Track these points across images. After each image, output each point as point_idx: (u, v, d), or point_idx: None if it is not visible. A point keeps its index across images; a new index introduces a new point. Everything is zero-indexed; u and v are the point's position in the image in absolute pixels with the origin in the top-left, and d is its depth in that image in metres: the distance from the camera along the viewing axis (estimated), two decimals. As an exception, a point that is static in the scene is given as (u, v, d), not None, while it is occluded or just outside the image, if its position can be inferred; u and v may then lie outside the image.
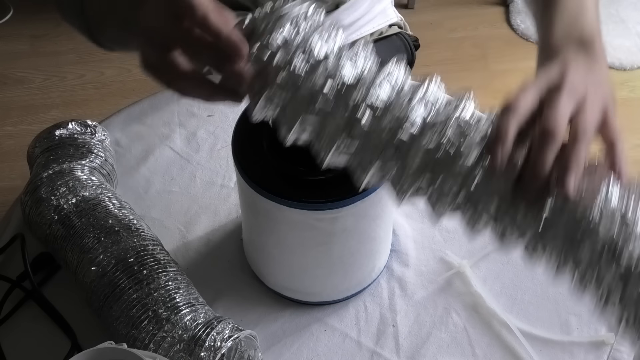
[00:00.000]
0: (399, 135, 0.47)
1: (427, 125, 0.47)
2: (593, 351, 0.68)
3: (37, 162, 0.74)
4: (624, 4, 2.27)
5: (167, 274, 0.63)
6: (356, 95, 0.48)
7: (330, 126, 0.48)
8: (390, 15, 1.06)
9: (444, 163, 0.47)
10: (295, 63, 0.48)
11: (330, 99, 0.48)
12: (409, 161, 0.47)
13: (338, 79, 0.48)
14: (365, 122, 0.47)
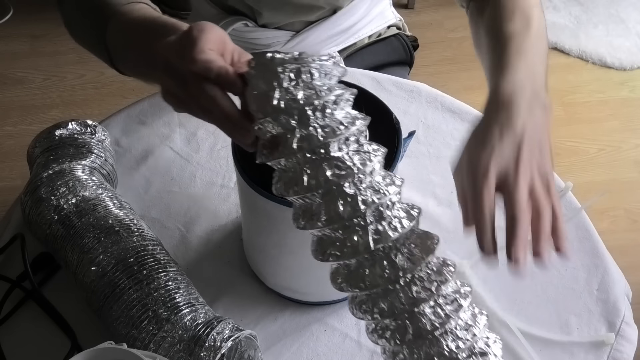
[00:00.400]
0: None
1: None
2: (593, 351, 0.68)
3: (37, 162, 0.74)
4: (624, 4, 2.27)
5: (167, 274, 0.63)
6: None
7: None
8: (388, 17, 1.06)
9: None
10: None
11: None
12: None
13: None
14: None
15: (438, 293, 0.48)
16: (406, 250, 0.49)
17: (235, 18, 0.96)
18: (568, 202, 0.80)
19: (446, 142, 0.87)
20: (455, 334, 0.48)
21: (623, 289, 0.73)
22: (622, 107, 1.97)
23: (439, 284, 0.49)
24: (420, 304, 0.48)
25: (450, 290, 0.50)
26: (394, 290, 0.48)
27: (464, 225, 0.55)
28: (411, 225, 0.49)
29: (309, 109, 0.47)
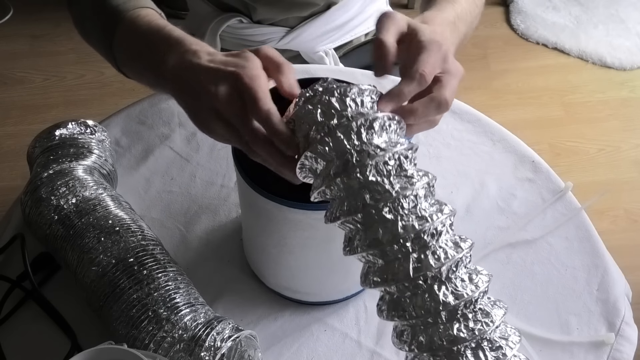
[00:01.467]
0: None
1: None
2: (593, 351, 0.68)
3: (37, 162, 0.74)
4: (624, 4, 2.27)
5: (167, 274, 0.63)
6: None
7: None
8: None
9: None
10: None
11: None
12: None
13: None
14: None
15: (482, 336, 0.46)
16: (452, 284, 0.47)
17: (230, 15, 0.96)
18: (568, 202, 0.80)
19: (446, 142, 0.87)
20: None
21: (623, 289, 0.73)
22: (622, 107, 1.97)
23: (483, 326, 0.46)
24: (460, 343, 0.46)
25: (497, 335, 0.47)
26: (435, 324, 0.47)
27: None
28: (458, 256, 0.47)
29: (346, 136, 0.48)
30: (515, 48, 2.15)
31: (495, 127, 0.89)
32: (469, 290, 0.47)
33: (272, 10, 0.95)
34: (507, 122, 0.91)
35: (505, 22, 2.24)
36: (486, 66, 2.08)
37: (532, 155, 0.85)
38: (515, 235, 0.77)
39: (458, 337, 0.46)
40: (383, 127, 0.49)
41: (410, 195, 0.47)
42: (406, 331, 0.49)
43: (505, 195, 0.81)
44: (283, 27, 0.97)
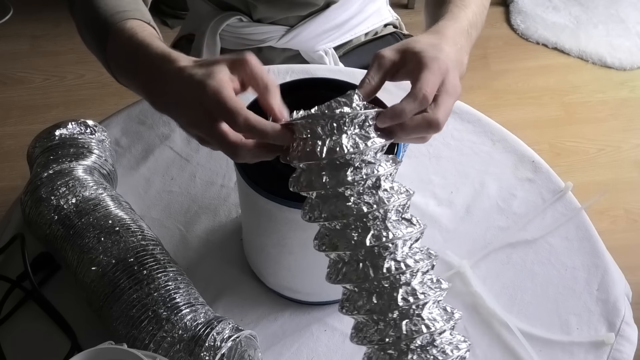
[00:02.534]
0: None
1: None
2: (593, 351, 0.68)
3: (37, 162, 0.74)
4: (624, 4, 2.27)
5: (167, 274, 0.63)
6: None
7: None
8: (384, 15, 1.06)
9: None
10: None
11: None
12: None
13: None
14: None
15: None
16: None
17: (230, 13, 0.96)
18: (568, 202, 0.80)
19: (446, 142, 0.87)
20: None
21: (623, 289, 0.73)
22: (622, 107, 1.97)
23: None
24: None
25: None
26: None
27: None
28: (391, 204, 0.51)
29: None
30: (515, 48, 2.15)
31: (495, 127, 0.88)
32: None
33: (272, 9, 0.95)
34: (507, 122, 0.91)
35: (505, 22, 2.24)
36: (486, 66, 2.08)
37: (532, 155, 0.85)
38: (515, 235, 0.77)
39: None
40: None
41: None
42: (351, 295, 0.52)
43: (505, 195, 0.81)
44: (283, 26, 0.97)
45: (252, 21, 0.97)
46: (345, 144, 0.50)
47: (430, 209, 0.80)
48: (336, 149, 0.50)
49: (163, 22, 2.11)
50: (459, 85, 0.57)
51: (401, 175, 0.83)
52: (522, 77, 2.05)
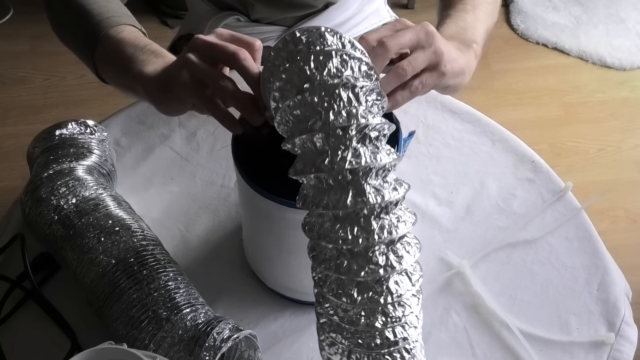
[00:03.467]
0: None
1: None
2: (593, 351, 0.68)
3: (37, 162, 0.74)
4: (624, 4, 2.27)
5: (167, 274, 0.63)
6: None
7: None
8: (383, 15, 1.06)
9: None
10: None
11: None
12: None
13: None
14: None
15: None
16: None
17: (228, 13, 0.96)
18: (568, 202, 0.80)
19: (446, 142, 0.87)
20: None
21: (623, 289, 0.73)
22: (622, 107, 1.97)
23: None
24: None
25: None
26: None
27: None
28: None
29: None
30: (515, 48, 2.15)
31: (495, 127, 0.89)
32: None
33: (270, 9, 0.95)
34: (507, 122, 0.91)
35: (505, 22, 2.24)
36: (486, 66, 2.08)
37: (532, 155, 0.85)
38: (515, 235, 0.77)
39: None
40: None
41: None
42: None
43: (505, 195, 0.81)
44: (281, 26, 0.97)
45: (250, 21, 0.97)
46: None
47: (430, 209, 0.80)
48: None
49: (163, 22, 2.11)
50: (447, 48, 0.59)
51: (401, 176, 0.83)
52: (522, 77, 2.05)
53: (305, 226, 0.50)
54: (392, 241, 0.48)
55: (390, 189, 0.48)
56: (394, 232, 0.47)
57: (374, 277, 0.47)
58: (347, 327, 0.49)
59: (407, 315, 0.49)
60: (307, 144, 0.48)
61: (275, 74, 0.51)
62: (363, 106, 0.49)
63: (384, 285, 0.48)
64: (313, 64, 0.49)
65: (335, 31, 0.52)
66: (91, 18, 0.69)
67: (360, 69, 0.50)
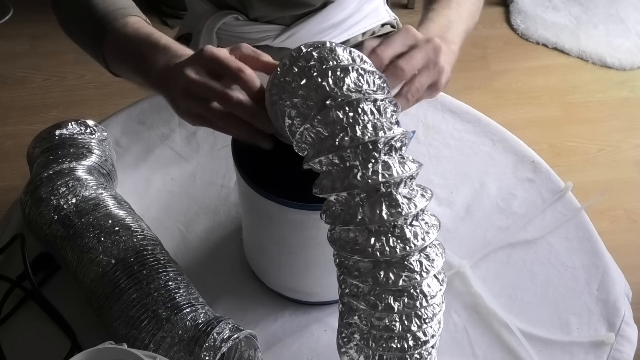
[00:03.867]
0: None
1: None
2: (593, 351, 0.68)
3: (37, 162, 0.74)
4: (624, 4, 2.27)
5: (167, 274, 0.63)
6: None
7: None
8: (382, 15, 1.06)
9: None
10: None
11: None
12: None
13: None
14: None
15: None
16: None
17: (226, 12, 0.96)
18: (568, 202, 0.80)
19: (446, 142, 0.87)
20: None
21: (623, 289, 0.73)
22: (622, 107, 1.97)
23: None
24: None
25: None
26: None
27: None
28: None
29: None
30: (515, 48, 2.15)
31: (495, 127, 0.89)
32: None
33: (268, 8, 0.95)
34: (507, 122, 0.91)
35: (505, 22, 2.24)
36: (486, 66, 2.08)
37: (532, 155, 0.85)
38: (515, 235, 0.77)
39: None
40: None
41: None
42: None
43: (505, 195, 0.81)
44: (279, 25, 0.97)
45: (248, 20, 0.97)
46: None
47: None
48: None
49: (163, 22, 2.11)
50: (438, 45, 0.61)
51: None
52: (522, 77, 2.05)
53: (335, 243, 0.50)
54: (424, 247, 0.49)
55: (419, 195, 0.49)
56: (426, 238, 0.49)
57: (412, 283, 0.48)
58: (382, 334, 0.49)
59: (437, 314, 0.50)
60: (335, 160, 0.48)
61: (288, 89, 0.51)
62: (384, 118, 0.49)
63: (417, 289, 0.48)
64: (331, 80, 0.49)
65: (343, 46, 0.52)
66: (97, 13, 0.70)
67: (374, 82, 0.51)
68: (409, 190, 0.49)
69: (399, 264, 0.48)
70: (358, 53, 0.53)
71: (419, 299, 0.48)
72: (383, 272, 0.48)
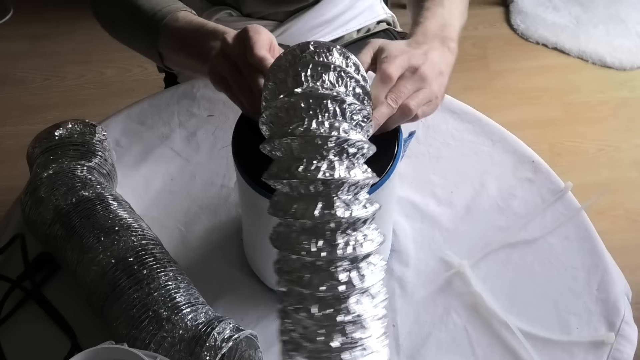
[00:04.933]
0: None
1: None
2: (593, 351, 0.68)
3: (37, 163, 0.74)
4: (624, 4, 2.27)
5: (167, 274, 0.63)
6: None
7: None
8: (378, 12, 1.06)
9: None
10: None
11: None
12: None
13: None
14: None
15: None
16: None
17: (219, 8, 0.96)
18: (568, 202, 0.80)
19: (446, 142, 0.87)
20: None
21: (623, 289, 0.73)
22: (622, 107, 1.97)
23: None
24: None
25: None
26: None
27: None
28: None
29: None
30: (515, 48, 2.15)
31: (495, 127, 0.89)
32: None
33: (261, 4, 0.95)
34: (507, 122, 0.91)
35: (505, 22, 2.24)
36: (486, 66, 2.08)
37: (532, 155, 0.85)
38: (515, 235, 0.77)
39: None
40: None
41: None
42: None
43: (505, 195, 0.81)
44: (272, 21, 0.98)
45: (241, 15, 0.97)
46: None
47: (430, 209, 0.80)
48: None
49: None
50: (427, 65, 0.62)
51: (401, 176, 0.84)
52: (522, 77, 2.04)
53: (273, 235, 0.50)
54: (356, 258, 0.47)
55: (360, 206, 0.48)
56: (358, 249, 0.47)
57: (334, 293, 0.46)
58: (307, 345, 0.47)
59: (366, 338, 0.47)
60: (285, 148, 0.48)
61: (273, 74, 0.52)
62: (347, 123, 0.49)
63: (343, 303, 0.47)
64: (310, 72, 0.49)
65: (345, 52, 0.52)
66: (146, 13, 0.76)
67: (354, 89, 0.51)
68: (351, 198, 0.48)
69: (324, 270, 0.47)
70: (355, 60, 0.53)
71: (342, 313, 0.47)
72: (309, 275, 0.47)
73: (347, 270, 0.47)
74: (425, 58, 0.62)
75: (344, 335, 0.47)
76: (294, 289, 0.48)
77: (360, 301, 0.47)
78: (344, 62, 0.52)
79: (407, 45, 0.64)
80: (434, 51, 0.64)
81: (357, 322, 0.47)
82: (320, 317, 0.47)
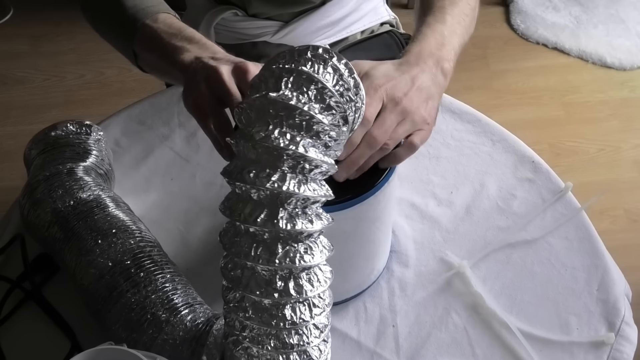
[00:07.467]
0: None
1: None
2: (593, 351, 0.68)
3: (34, 164, 0.74)
4: (624, 4, 2.27)
5: (164, 276, 0.63)
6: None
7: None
8: (381, 14, 1.06)
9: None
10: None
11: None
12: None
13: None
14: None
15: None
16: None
17: (225, 7, 0.96)
18: (568, 202, 0.80)
19: (446, 142, 0.87)
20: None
21: (623, 289, 0.73)
22: (622, 107, 1.97)
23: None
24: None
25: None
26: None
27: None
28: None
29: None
30: (515, 48, 2.15)
31: (495, 127, 0.88)
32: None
33: (267, 5, 0.95)
34: (507, 122, 0.91)
35: (505, 22, 2.24)
36: (486, 66, 2.08)
37: (532, 155, 0.85)
38: (515, 236, 0.77)
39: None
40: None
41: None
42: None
43: (505, 195, 0.81)
44: (278, 21, 0.98)
45: (247, 16, 0.97)
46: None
47: (430, 209, 0.80)
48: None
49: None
50: (412, 103, 0.60)
51: (401, 176, 0.83)
52: (522, 77, 2.04)
53: (221, 232, 0.50)
54: (295, 269, 0.48)
55: (306, 220, 0.48)
56: (297, 261, 0.48)
57: (270, 300, 0.48)
58: (247, 345, 0.50)
59: (302, 344, 0.49)
60: (244, 149, 0.48)
61: (266, 67, 0.51)
62: (310, 140, 0.48)
63: (279, 310, 0.48)
64: (293, 80, 0.48)
65: (342, 70, 0.51)
66: (127, 10, 0.75)
67: (333, 114, 0.49)
68: (298, 211, 0.48)
69: (263, 277, 0.48)
70: (355, 82, 0.51)
71: (276, 319, 0.48)
72: (248, 278, 0.48)
73: (285, 278, 0.48)
74: (411, 85, 0.60)
75: (279, 340, 0.49)
76: (236, 288, 0.49)
77: (297, 309, 0.49)
78: (334, 80, 0.50)
79: (395, 69, 0.62)
80: (424, 74, 0.62)
81: (292, 330, 0.49)
82: (255, 318, 0.49)
